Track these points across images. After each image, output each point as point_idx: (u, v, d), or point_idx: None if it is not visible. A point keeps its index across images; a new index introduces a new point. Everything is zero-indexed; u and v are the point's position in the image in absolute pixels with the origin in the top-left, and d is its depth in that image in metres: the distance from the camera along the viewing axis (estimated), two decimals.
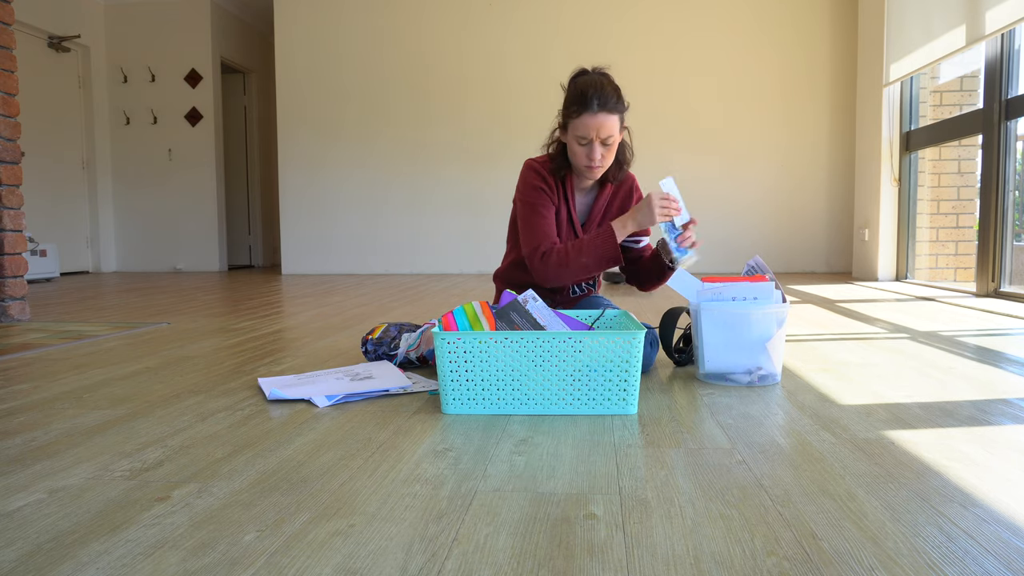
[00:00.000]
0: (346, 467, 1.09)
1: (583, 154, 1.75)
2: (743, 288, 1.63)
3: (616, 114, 1.72)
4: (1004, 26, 3.34)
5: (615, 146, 1.77)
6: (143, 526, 0.88)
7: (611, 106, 1.71)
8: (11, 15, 2.97)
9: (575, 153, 1.77)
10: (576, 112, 1.72)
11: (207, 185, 6.69)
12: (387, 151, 5.99)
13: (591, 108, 1.70)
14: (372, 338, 1.93)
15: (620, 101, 1.74)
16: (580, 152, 1.76)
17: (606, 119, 1.71)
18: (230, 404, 1.50)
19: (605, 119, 1.71)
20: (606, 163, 1.77)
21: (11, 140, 2.96)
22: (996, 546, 0.80)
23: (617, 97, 1.73)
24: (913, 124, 4.58)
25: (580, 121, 1.72)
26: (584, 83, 1.73)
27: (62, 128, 6.27)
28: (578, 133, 1.73)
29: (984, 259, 3.58)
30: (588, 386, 1.38)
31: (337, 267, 6.12)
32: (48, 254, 5.53)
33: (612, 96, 1.72)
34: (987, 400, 1.47)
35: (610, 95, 1.71)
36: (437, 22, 5.85)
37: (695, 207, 5.69)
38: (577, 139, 1.75)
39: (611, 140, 1.73)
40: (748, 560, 0.77)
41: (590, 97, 1.70)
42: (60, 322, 2.90)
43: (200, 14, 6.60)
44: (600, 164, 1.76)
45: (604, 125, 1.71)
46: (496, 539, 0.83)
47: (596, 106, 1.70)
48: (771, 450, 1.15)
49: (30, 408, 1.49)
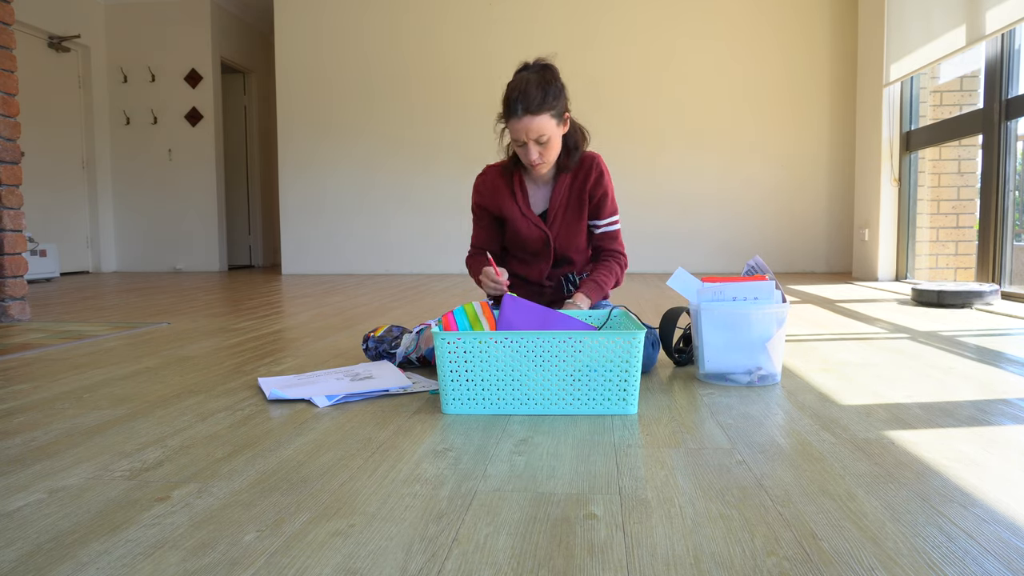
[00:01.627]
0: (346, 467, 1.09)
1: (523, 154, 1.79)
2: (743, 288, 1.63)
3: (543, 113, 1.72)
4: (1004, 26, 3.34)
5: (553, 140, 1.77)
6: (143, 526, 0.88)
7: (535, 107, 1.70)
8: (11, 15, 2.97)
9: (518, 153, 1.81)
10: (505, 117, 1.76)
11: (207, 185, 6.69)
12: (387, 151, 5.99)
13: (516, 113, 1.72)
14: (374, 336, 1.93)
15: (548, 96, 1.72)
16: (520, 152, 1.79)
17: (531, 121, 1.71)
18: (230, 404, 1.50)
19: (531, 121, 1.71)
20: (548, 158, 1.80)
21: (11, 140, 2.96)
22: (996, 546, 0.80)
23: (543, 94, 1.71)
24: (913, 124, 4.58)
25: (510, 126, 1.75)
26: (510, 87, 1.74)
27: (62, 128, 6.27)
28: (512, 136, 1.78)
29: (984, 259, 3.58)
30: (588, 386, 1.38)
31: (337, 267, 6.12)
32: (48, 254, 5.53)
33: (536, 96, 1.71)
34: (987, 400, 1.47)
35: (533, 95, 1.70)
36: (437, 22, 5.86)
37: (695, 207, 5.70)
38: (514, 142, 1.79)
39: (544, 138, 1.74)
40: (748, 560, 0.77)
41: (514, 102, 1.72)
42: (60, 322, 2.90)
43: (200, 14, 6.60)
44: (541, 161, 1.79)
45: (531, 127, 1.72)
46: (496, 539, 0.83)
47: (520, 110, 1.71)
48: (771, 450, 1.15)
49: (30, 408, 1.49)
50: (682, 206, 5.71)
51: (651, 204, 5.71)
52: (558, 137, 1.78)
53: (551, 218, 1.91)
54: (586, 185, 1.89)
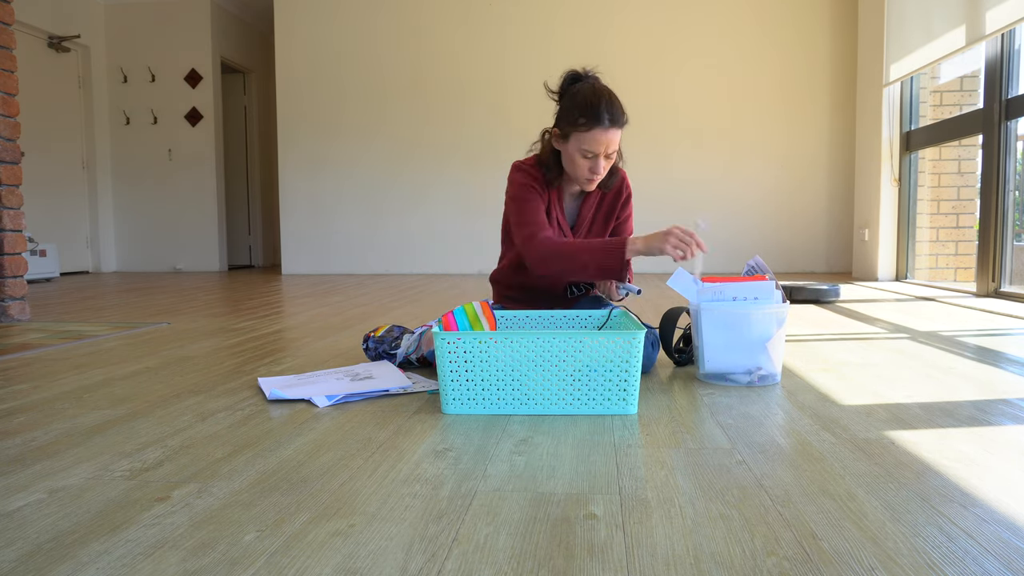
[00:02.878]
0: (346, 467, 1.09)
1: (586, 167, 1.70)
2: (743, 288, 1.63)
3: (622, 128, 1.70)
4: (1004, 26, 3.34)
5: (615, 159, 1.75)
6: (143, 526, 0.88)
7: (621, 122, 1.67)
8: (11, 15, 2.97)
9: (575, 164, 1.71)
10: (586, 126, 1.65)
11: (207, 185, 6.69)
12: (387, 151, 5.99)
13: (603, 123, 1.64)
14: (374, 336, 1.93)
15: (624, 113, 1.70)
16: (582, 164, 1.70)
17: (615, 134, 1.67)
18: (230, 404, 1.50)
19: (615, 134, 1.67)
20: (604, 173, 1.75)
21: (11, 140, 2.96)
22: (996, 546, 0.80)
23: (622, 109, 1.69)
24: (913, 124, 4.58)
25: (590, 135, 1.65)
26: (591, 93, 1.66)
27: (62, 128, 6.27)
28: (584, 146, 1.67)
29: (984, 259, 3.58)
30: (588, 386, 1.38)
31: (337, 267, 6.12)
32: (48, 254, 5.53)
33: (620, 110, 1.68)
34: (987, 400, 1.47)
35: (619, 109, 1.68)
36: (437, 22, 5.86)
37: (695, 207, 5.70)
38: (582, 151, 1.69)
39: (614, 154, 1.72)
40: (748, 560, 0.77)
41: (601, 111, 1.64)
42: (60, 322, 2.90)
43: (200, 14, 6.60)
44: (599, 176, 1.74)
45: (612, 140, 1.67)
46: (496, 539, 0.83)
47: (608, 122, 1.64)
48: (771, 450, 1.15)
49: (30, 408, 1.49)
50: (682, 206, 5.71)
51: (651, 204, 5.70)
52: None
53: (578, 231, 1.88)
54: (616, 203, 1.88)
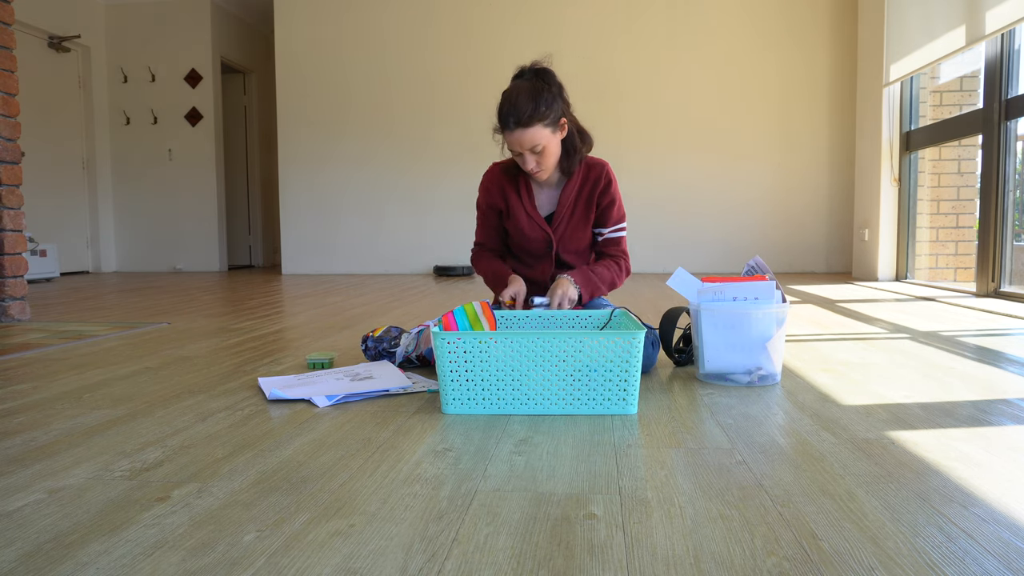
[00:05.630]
0: (346, 467, 1.09)
1: (521, 164, 1.80)
2: (743, 288, 1.63)
3: (535, 124, 1.72)
4: (1004, 26, 3.34)
5: (549, 148, 1.77)
6: (143, 526, 0.88)
7: (526, 119, 1.71)
8: (11, 15, 2.98)
9: (517, 162, 1.83)
10: (500, 130, 1.77)
11: (207, 185, 6.70)
12: (387, 151, 5.99)
13: (508, 126, 1.73)
14: (373, 336, 1.93)
15: (539, 106, 1.72)
16: (519, 162, 1.81)
17: (523, 133, 1.72)
18: (230, 404, 1.50)
19: (522, 134, 1.72)
20: (546, 165, 1.80)
21: (11, 140, 2.96)
22: (996, 546, 0.80)
23: (534, 105, 1.71)
24: (913, 124, 4.58)
25: (506, 138, 1.77)
26: (502, 99, 1.75)
27: (62, 128, 6.27)
28: (508, 147, 1.79)
29: (984, 259, 3.58)
30: (588, 386, 1.38)
31: (337, 267, 6.12)
32: (48, 254, 5.53)
33: (526, 107, 1.71)
34: (987, 400, 1.47)
35: (524, 107, 1.71)
36: (437, 21, 5.86)
37: (695, 207, 5.70)
38: (512, 152, 1.80)
39: (539, 148, 1.75)
40: (748, 560, 0.77)
41: (505, 115, 1.73)
42: (60, 322, 2.90)
43: (200, 14, 6.60)
44: (539, 169, 1.80)
45: (524, 139, 1.73)
46: (496, 539, 0.83)
47: (512, 123, 1.72)
48: (771, 450, 1.15)
49: (30, 408, 1.49)
50: (682, 206, 5.71)
51: (651, 204, 5.71)
52: (555, 144, 1.79)
53: (556, 221, 1.92)
54: (595, 192, 1.90)
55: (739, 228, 5.68)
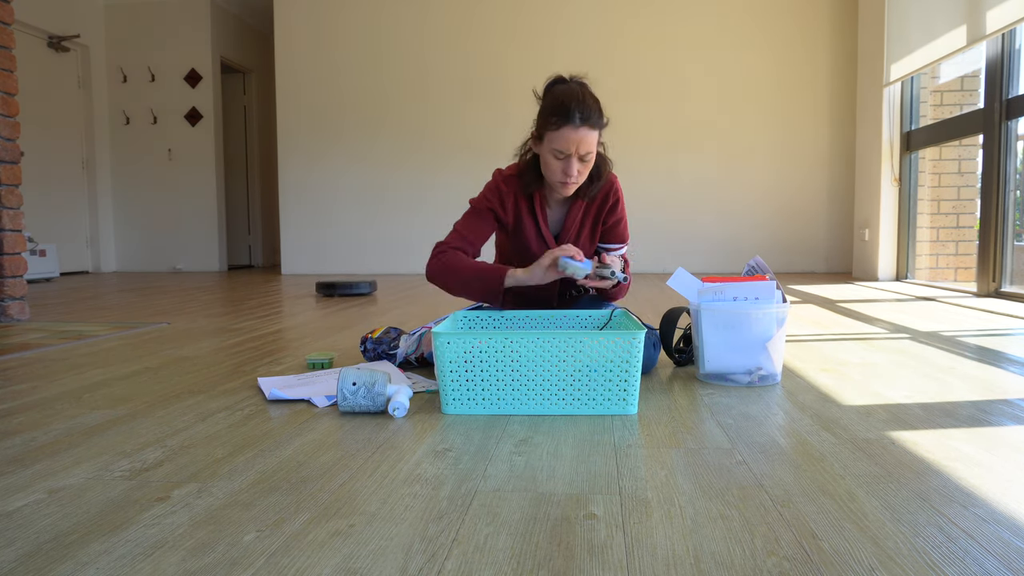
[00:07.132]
0: (346, 467, 1.09)
1: (559, 168, 1.65)
2: (743, 288, 1.63)
3: (597, 129, 1.64)
4: (1005, 26, 3.34)
5: (592, 162, 1.67)
6: (143, 526, 0.88)
7: (593, 120, 1.61)
8: (11, 15, 2.97)
9: (549, 166, 1.67)
10: (556, 124, 1.61)
11: (207, 185, 6.70)
12: (387, 151, 5.99)
13: (572, 121, 1.60)
14: (372, 337, 1.93)
15: (601, 115, 1.65)
16: (555, 166, 1.66)
17: (587, 134, 1.61)
18: (230, 404, 1.50)
19: (586, 134, 1.61)
20: (581, 179, 1.68)
21: (11, 140, 2.96)
22: (996, 546, 0.80)
23: (599, 111, 1.64)
24: (913, 124, 4.58)
25: (559, 134, 1.61)
26: (564, 93, 1.63)
27: (62, 128, 6.27)
28: (555, 146, 1.63)
29: (984, 259, 3.58)
30: (588, 386, 1.38)
31: (337, 267, 6.12)
32: (48, 254, 5.53)
33: (594, 110, 1.62)
34: (987, 400, 1.47)
35: (592, 108, 1.62)
36: (437, 21, 5.85)
37: (695, 207, 5.70)
38: (554, 152, 1.64)
39: (589, 156, 1.64)
40: (748, 560, 0.77)
41: (572, 109, 1.59)
42: (60, 322, 2.90)
43: (200, 14, 6.60)
44: (575, 180, 1.67)
45: (584, 140, 1.61)
46: (496, 539, 0.83)
47: (578, 120, 1.59)
48: (771, 450, 1.15)
49: (30, 408, 1.49)
50: (682, 206, 5.71)
51: (652, 204, 5.71)
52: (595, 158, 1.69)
53: (563, 240, 1.82)
54: (603, 210, 1.82)
55: (739, 228, 5.68)
